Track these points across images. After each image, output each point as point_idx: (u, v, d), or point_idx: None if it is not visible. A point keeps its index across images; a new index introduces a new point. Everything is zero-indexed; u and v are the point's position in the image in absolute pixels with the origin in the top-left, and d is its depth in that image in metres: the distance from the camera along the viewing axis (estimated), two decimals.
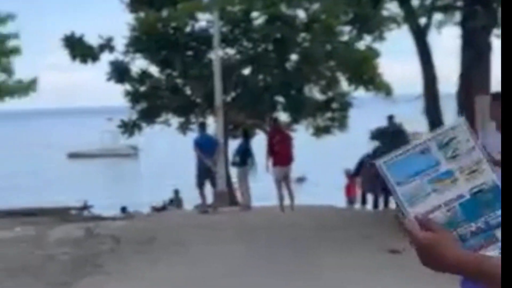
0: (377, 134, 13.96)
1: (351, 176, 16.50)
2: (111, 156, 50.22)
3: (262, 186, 14.84)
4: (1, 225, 12.47)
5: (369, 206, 15.00)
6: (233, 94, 19.18)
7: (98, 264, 8.43)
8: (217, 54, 17.24)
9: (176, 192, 22.72)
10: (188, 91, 19.56)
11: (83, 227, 11.30)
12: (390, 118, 13.74)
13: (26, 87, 21.19)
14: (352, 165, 16.92)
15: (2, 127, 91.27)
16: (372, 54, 19.25)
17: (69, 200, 20.44)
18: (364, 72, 19.06)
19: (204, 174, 12.93)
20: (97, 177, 41.98)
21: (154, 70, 19.49)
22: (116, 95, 19.78)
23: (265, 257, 8.47)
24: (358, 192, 18.24)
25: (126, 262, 8.53)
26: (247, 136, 14.03)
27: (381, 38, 18.62)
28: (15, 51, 20.90)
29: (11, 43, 20.90)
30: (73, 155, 53.16)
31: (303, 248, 9.03)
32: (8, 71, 21.05)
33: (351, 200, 18.53)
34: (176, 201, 22.36)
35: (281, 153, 12.74)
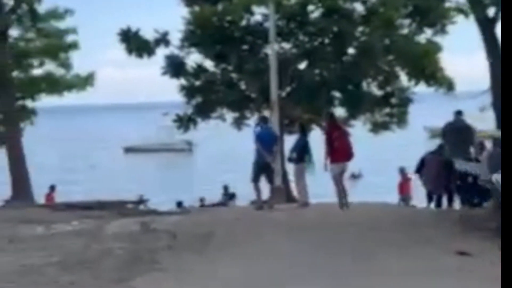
0: (443, 132, 13.26)
1: (414, 172, 15.98)
2: (166, 151, 50.72)
3: (319, 184, 14.53)
4: (59, 218, 12.59)
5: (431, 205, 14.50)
6: (288, 88, 18.93)
7: (155, 261, 8.32)
8: (273, 48, 17.01)
9: (226, 188, 22.65)
10: (243, 86, 19.42)
11: (139, 222, 11.27)
12: (458, 113, 12.84)
13: (84, 82, 21.51)
14: (409, 161, 16.45)
15: (60, 121, 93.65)
16: (433, 48, 18.68)
17: (126, 194, 20.61)
18: (425, 66, 18.52)
19: (262, 169, 12.64)
20: (153, 171, 42.44)
21: (209, 64, 19.44)
22: (172, 90, 19.82)
23: (320, 261, 8.17)
24: (412, 191, 17.80)
25: (183, 259, 8.41)
26: (304, 131, 13.63)
27: (443, 31, 18.06)
28: (73, 46, 21.24)
29: (69, 39, 21.24)
30: (129, 150, 53.96)
31: (360, 250, 8.67)
32: (66, 66, 21.40)
33: (403, 198, 18.18)
34: (230, 196, 22.29)
35: (341, 149, 12.33)
